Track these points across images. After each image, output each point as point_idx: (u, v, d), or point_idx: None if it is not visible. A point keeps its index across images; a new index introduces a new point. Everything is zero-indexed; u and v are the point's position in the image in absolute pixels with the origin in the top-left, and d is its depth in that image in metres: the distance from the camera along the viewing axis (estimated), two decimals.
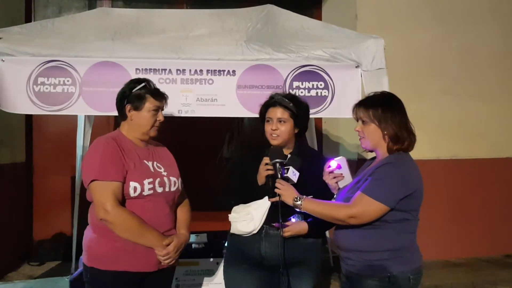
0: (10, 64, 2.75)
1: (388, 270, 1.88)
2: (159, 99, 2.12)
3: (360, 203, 1.86)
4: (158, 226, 2.06)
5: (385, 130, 1.93)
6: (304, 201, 1.96)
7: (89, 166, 2.01)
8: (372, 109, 1.96)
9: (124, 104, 2.12)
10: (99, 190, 1.96)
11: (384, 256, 1.89)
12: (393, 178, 1.88)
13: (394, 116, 1.95)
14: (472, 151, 5.16)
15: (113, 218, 1.94)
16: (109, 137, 2.10)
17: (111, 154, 2.01)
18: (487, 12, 5.28)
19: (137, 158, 2.08)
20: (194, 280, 3.05)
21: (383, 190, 1.86)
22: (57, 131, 5.29)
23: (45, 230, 5.22)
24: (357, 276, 1.94)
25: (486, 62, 5.26)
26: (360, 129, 2.01)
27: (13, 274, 4.59)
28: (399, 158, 1.94)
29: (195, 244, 3.23)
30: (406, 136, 1.94)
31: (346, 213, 1.87)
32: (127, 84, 2.15)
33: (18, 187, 5.03)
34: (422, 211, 2.05)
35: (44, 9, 5.38)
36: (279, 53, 2.92)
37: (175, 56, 2.90)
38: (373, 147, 2.00)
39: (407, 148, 1.96)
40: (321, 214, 1.95)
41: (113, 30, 2.99)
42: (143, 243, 2.00)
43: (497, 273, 4.65)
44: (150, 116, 2.10)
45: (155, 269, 2.07)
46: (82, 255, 2.11)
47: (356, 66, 2.94)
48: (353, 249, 1.94)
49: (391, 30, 4.59)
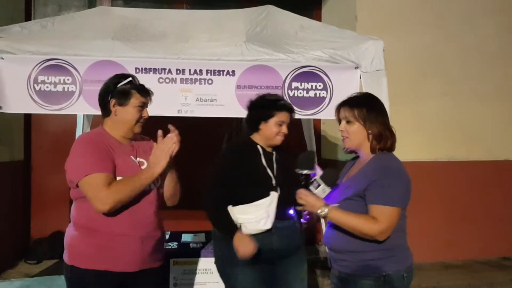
0: (10, 63, 2.75)
1: (383, 269, 1.90)
2: (144, 95, 2.08)
3: (385, 216, 1.84)
4: (142, 226, 2.03)
5: (370, 129, 1.95)
6: (330, 212, 1.89)
7: (78, 163, 1.96)
8: (357, 109, 1.97)
9: (108, 100, 2.06)
10: (92, 183, 1.91)
11: (378, 256, 1.90)
12: (399, 179, 1.90)
13: (378, 116, 1.98)
14: (470, 153, 5.17)
15: (112, 200, 1.90)
16: (92, 134, 2.09)
17: (99, 148, 1.98)
18: (485, 14, 5.29)
19: (124, 155, 2.05)
20: (191, 279, 3.05)
21: (397, 194, 1.87)
22: (55, 130, 5.28)
23: (42, 229, 5.21)
24: (352, 277, 1.94)
25: (485, 64, 5.28)
26: (344, 128, 2.02)
27: (10, 272, 4.58)
28: (391, 158, 1.97)
29: (193, 243, 3.24)
30: (389, 136, 1.97)
31: (377, 230, 1.84)
32: (111, 79, 2.10)
33: (16, 185, 5.02)
34: (419, 212, 2.08)
35: (44, 7, 5.38)
36: (279, 53, 2.93)
37: (175, 56, 2.91)
38: (357, 146, 2.01)
39: (391, 147, 1.98)
40: (348, 226, 1.88)
41: (113, 30, 2.99)
42: (145, 185, 1.98)
43: (494, 275, 4.66)
44: (136, 112, 2.06)
45: (136, 270, 2.03)
46: (64, 253, 2.07)
47: (355, 67, 2.95)
48: (348, 250, 1.94)
49: (390, 31, 4.59)
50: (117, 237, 1.98)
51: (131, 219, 1.99)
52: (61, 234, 5.10)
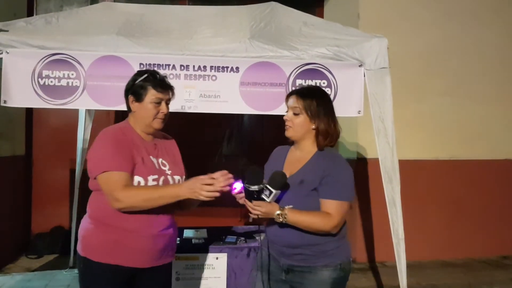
0: (15, 57, 2.75)
1: (339, 257, 2.01)
2: (161, 91, 2.07)
3: (338, 211, 1.92)
4: (154, 225, 2.04)
5: (317, 124, 2.00)
6: (288, 215, 1.92)
7: (99, 156, 1.98)
8: (307, 101, 2.02)
9: (127, 96, 2.11)
10: (109, 180, 1.93)
11: (335, 245, 2.00)
12: (349, 175, 1.99)
13: (326, 112, 2.03)
14: (470, 152, 5.19)
15: (126, 203, 1.91)
16: (117, 128, 2.09)
17: (121, 145, 1.99)
18: (489, 14, 5.30)
19: (145, 153, 2.06)
20: (193, 274, 3.06)
21: (349, 190, 1.97)
22: (57, 124, 5.29)
23: (43, 223, 5.24)
24: (311, 268, 2.00)
25: (487, 63, 5.29)
26: (290, 118, 2.05)
27: (11, 266, 4.61)
28: (337, 153, 2.07)
29: (195, 239, 3.25)
30: (334, 132, 2.03)
31: (331, 225, 1.92)
32: (132, 76, 2.14)
33: (17, 180, 5.04)
34: (419, 211, 2.11)
35: (46, 2, 5.38)
36: (283, 50, 2.92)
37: (179, 52, 2.90)
38: (299, 138, 2.05)
39: (334, 143, 2.06)
40: (306, 226, 1.94)
41: (118, 26, 2.98)
42: (166, 201, 1.92)
43: (493, 274, 4.69)
44: (152, 108, 2.06)
45: (147, 266, 2.05)
46: (77, 244, 2.09)
47: (360, 65, 2.95)
48: (305, 244, 1.98)
49: (392, 29, 4.59)
50: (129, 233, 1.99)
51: (144, 217, 2.00)
52: (61, 229, 5.19)
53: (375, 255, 4.95)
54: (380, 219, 4.65)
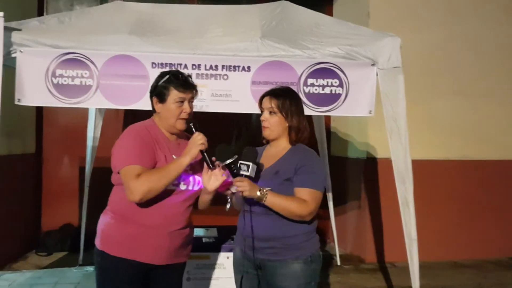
0: (29, 56, 2.75)
1: (309, 250, 2.08)
2: (183, 90, 2.08)
3: (313, 199, 2.02)
4: (172, 223, 2.06)
5: (290, 121, 2.12)
6: (268, 195, 1.98)
7: (122, 151, 2.02)
8: (281, 100, 2.12)
9: (151, 98, 2.14)
10: (128, 174, 1.95)
11: (305, 238, 2.07)
12: (322, 167, 2.15)
13: (298, 110, 2.15)
14: (482, 152, 5.14)
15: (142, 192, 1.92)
16: (142, 126, 2.11)
17: (144, 142, 2.02)
18: (501, 12, 5.26)
19: (167, 151, 2.08)
20: (204, 274, 3.07)
21: (322, 180, 2.09)
22: (67, 123, 5.33)
23: (53, 221, 5.28)
24: (282, 262, 2.05)
25: (499, 62, 5.25)
26: (266, 119, 2.15)
27: (21, 263, 4.65)
28: (309, 148, 2.17)
29: (205, 238, 3.25)
30: (304, 128, 2.16)
31: (307, 211, 2.00)
32: (156, 78, 2.16)
33: (28, 178, 5.07)
34: (430, 211, 2.11)
35: (56, 1, 5.41)
36: (294, 49, 2.91)
37: (190, 51, 2.90)
38: (276, 136, 2.16)
39: (305, 139, 2.18)
40: (283, 208, 2.00)
41: (130, 25, 2.99)
42: (177, 171, 1.97)
43: (504, 275, 4.66)
44: (175, 108, 2.07)
45: (163, 263, 2.07)
46: (96, 238, 2.12)
47: (372, 64, 2.93)
48: (277, 237, 2.04)
49: (402, 28, 4.55)
50: (147, 229, 2.02)
51: (162, 214, 2.03)
52: (71, 226, 5.22)
53: (384, 255, 4.93)
54: (389, 219, 4.63)
